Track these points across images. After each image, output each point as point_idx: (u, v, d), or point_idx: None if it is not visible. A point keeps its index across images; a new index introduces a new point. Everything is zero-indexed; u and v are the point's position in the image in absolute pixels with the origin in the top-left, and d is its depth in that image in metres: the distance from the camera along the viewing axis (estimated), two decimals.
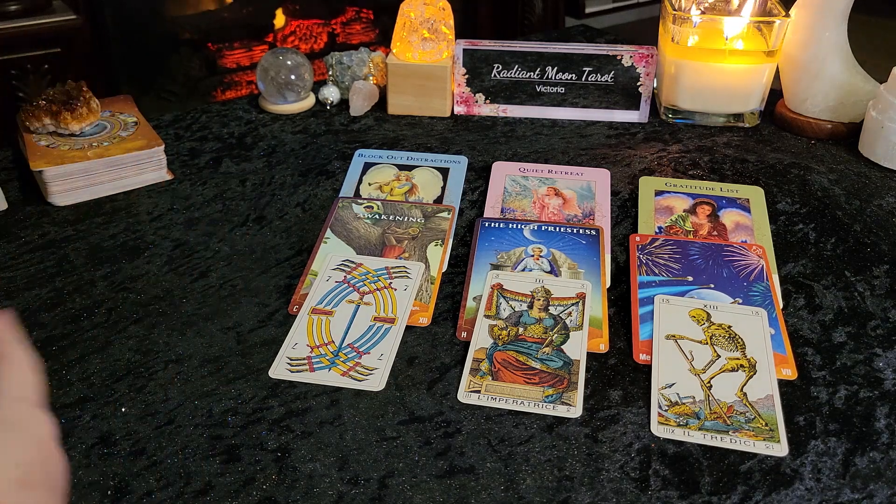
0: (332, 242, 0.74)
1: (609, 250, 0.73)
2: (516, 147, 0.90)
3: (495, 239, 0.73)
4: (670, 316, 0.64)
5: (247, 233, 0.77)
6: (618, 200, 0.79)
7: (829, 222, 0.75)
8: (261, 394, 0.58)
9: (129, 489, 0.51)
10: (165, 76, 2.11)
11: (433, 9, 0.97)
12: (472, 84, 0.98)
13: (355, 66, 1.02)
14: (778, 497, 0.50)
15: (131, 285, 0.70)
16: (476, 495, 0.51)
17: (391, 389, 0.59)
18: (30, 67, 1.72)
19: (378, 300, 0.67)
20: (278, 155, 0.90)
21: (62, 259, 0.73)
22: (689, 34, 0.91)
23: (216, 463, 0.53)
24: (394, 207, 0.78)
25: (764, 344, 0.61)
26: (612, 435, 0.55)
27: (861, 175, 0.82)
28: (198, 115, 1.00)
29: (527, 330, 0.63)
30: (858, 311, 0.66)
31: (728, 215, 0.76)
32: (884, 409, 0.57)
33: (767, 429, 0.55)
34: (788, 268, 0.71)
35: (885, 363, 0.61)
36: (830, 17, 0.87)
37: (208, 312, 0.66)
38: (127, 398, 0.58)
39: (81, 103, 0.84)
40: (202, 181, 0.85)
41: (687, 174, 0.83)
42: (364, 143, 0.91)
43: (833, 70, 0.89)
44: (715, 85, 0.92)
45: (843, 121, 0.90)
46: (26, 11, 1.70)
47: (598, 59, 0.96)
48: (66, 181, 0.80)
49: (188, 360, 0.61)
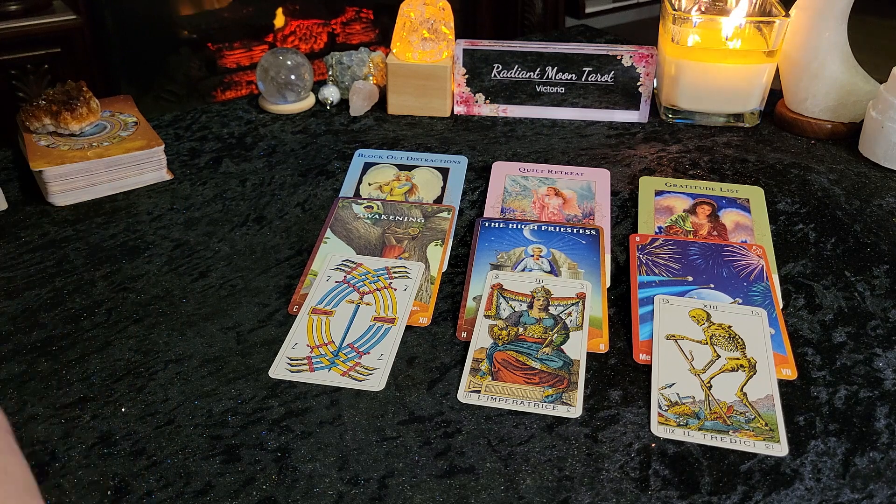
0: (332, 242, 0.74)
1: (609, 250, 0.73)
2: (516, 147, 0.90)
3: (495, 239, 0.73)
4: (670, 316, 0.64)
5: (247, 233, 0.77)
6: (618, 200, 0.79)
7: (829, 222, 0.75)
8: (261, 394, 0.58)
9: (129, 489, 0.51)
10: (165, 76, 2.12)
11: (433, 9, 0.97)
12: (472, 84, 0.98)
13: (355, 66, 1.02)
14: (778, 497, 0.50)
15: (131, 285, 0.70)
16: (476, 495, 0.51)
17: (391, 389, 0.59)
18: (30, 67, 1.72)
19: (378, 300, 0.67)
20: (278, 155, 0.90)
21: (62, 259, 0.73)
22: (689, 34, 0.91)
23: (216, 463, 0.53)
24: (394, 207, 0.78)
25: (764, 344, 0.61)
26: (612, 435, 0.55)
27: (861, 175, 0.83)
28: (198, 115, 1.00)
29: (527, 330, 0.63)
30: (858, 311, 0.66)
31: (728, 215, 0.76)
32: (884, 409, 0.57)
33: (767, 429, 0.55)
34: (788, 268, 0.71)
35: (885, 363, 0.61)
36: (830, 17, 0.87)
37: (208, 312, 0.66)
38: (127, 398, 0.58)
39: (81, 103, 0.84)
40: (202, 181, 0.85)
41: (687, 174, 0.83)
42: (364, 143, 0.91)
43: (833, 70, 0.89)
44: (715, 85, 0.92)
45: (843, 121, 0.90)
46: (26, 11, 1.70)
47: (598, 59, 0.96)
48: (66, 181, 0.80)
49: (188, 360, 0.61)
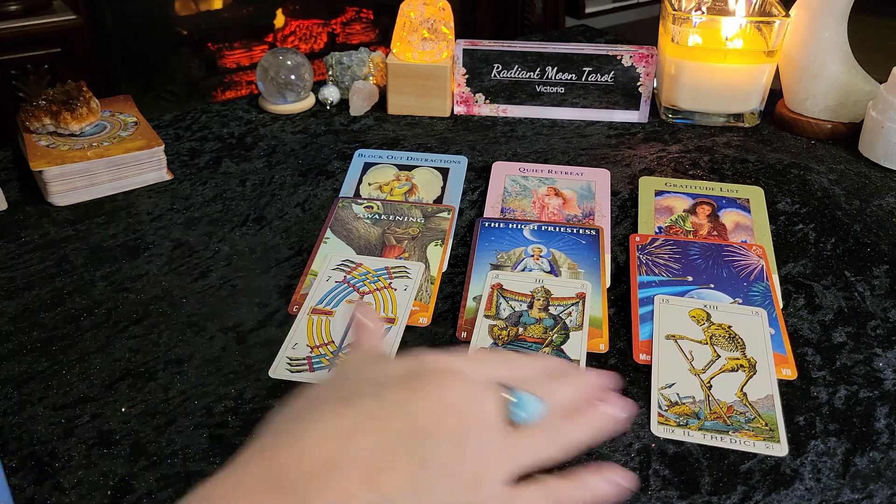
0: (332, 242, 0.74)
1: (609, 250, 0.73)
2: (516, 147, 0.90)
3: (495, 239, 0.73)
4: (670, 316, 0.64)
5: (247, 233, 0.77)
6: (618, 200, 0.79)
7: (829, 222, 0.75)
8: (261, 394, 0.58)
9: (129, 489, 0.51)
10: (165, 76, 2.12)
11: (433, 9, 0.97)
12: (472, 84, 0.98)
13: (355, 66, 1.02)
14: (778, 497, 0.50)
15: (131, 285, 0.70)
16: None
17: None
18: (30, 67, 1.72)
19: (378, 300, 0.67)
20: (278, 155, 0.90)
21: (62, 259, 0.73)
22: (689, 34, 0.91)
23: (216, 463, 0.53)
24: (394, 207, 0.78)
25: (764, 344, 0.61)
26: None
27: (861, 175, 0.83)
28: (198, 115, 1.00)
29: (527, 330, 0.63)
30: (858, 311, 0.66)
31: (728, 215, 0.76)
32: (884, 409, 0.57)
33: (767, 429, 0.55)
34: (788, 268, 0.71)
35: (885, 363, 0.61)
36: (830, 17, 0.87)
37: (208, 312, 0.66)
38: (127, 398, 0.58)
39: (81, 103, 0.84)
40: (202, 181, 0.85)
41: (687, 174, 0.83)
42: (364, 143, 0.91)
43: (833, 70, 0.89)
44: (715, 85, 0.92)
45: (843, 121, 0.90)
46: (26, 11, 1.70)
47: (597, 59, 0.96)
48: (66, 181, 0.80)
49: (188, 360, 0.61)
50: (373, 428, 0.36)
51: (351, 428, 0.36)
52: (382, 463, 0.35)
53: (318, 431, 0.35)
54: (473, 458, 0.37)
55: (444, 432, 0.37)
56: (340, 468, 0.34)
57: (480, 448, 0.37)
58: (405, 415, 0.37)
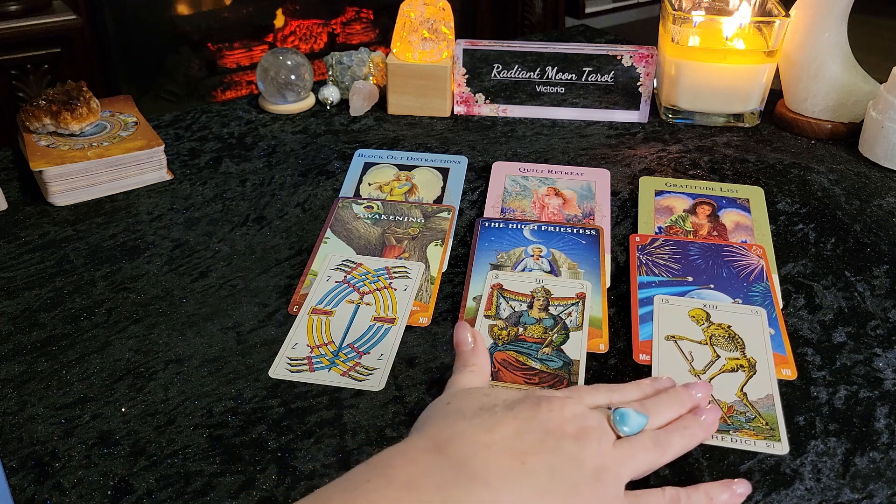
0: (332, 242, 0.74)
1: (609, 250, 0.73)
2: (516, 147, 0.90)
3: (495, 239, 0.73)
4: (670, 316, 0.64)
5: (247, 233, 0.77)
6: (618, 200, 0.79)
7: (829, 222, 0.75)
8: (261, 394, 0.58)
9: (129, 489, 0.51)
10: (165, 76, 2.12)
11: (433, 9, 0.97)
12: (472, 84, 0.98)
13: (355, 66, 1.02)
14: (778, 497, 0.50)
15: (131, 285, 0.70)
16: None
17: (391, 389, 0.59)
18: (30, 67, 1.72)
19: (378, 300, 0.67)
20: (278, 155, 0.90)
21: (62, 259, 0.73)
22: (689, 34, 0.91)
23: (216, 463, 0.53)
24: (394, 207, 0.78)
25: (764, 344, 0.61)
26: None
27: (861, 175, 0.83)
28: (198, 115, 1.00)
29: (527, 330, 0.63)
30: (858, 311, 0.66)
31: (728, 215, 0.76)
32: (884, 409, 0.57)
33: (768, 428, 0.55)
34: (788, 268, 0.71)
35: (885, 363, 0.61)
36: (830, 17, 0.87)
37: (208, 312, 0.66)
38: (127, 398, 0.58)
39: (81, 103, 0.84)
40: (202, 181, 0.85)
41: (687, 174, 0.83)
42: (364, 143, 0.91)
43: (833, 70, 0.89)
44: (715, 85, 0.92)
45: (843, 121, 0.90)
46: (26, 11, 1.70)
47: (598, 59, 0.96)
48: (66, 181, 0.80)
49: (188, 360, 0.61)
50: (513, 423, 0.45)
51: (494, 422, 0.45)
52: (525, 447, 0.43)
53: (469, 424, 0.45)
54: (591, 456, 0.45)
55: (566, 435, 0.45)
56: (491, 447, 0.43)
57: (596, 451, 0.45)
58: (535, 418, 0.45)
